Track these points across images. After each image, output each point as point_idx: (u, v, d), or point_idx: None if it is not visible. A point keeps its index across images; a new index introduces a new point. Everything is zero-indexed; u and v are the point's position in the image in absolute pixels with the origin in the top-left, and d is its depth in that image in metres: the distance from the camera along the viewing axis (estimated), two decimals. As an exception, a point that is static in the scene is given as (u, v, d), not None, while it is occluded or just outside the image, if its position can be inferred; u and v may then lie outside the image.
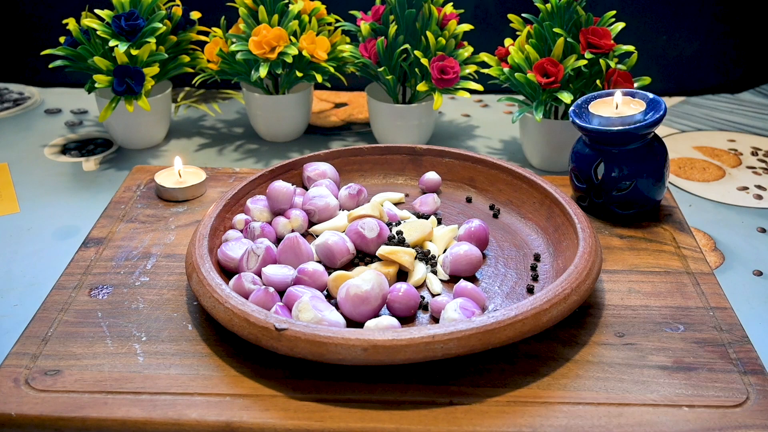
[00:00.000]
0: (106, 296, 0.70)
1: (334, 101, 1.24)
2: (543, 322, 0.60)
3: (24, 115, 1.19)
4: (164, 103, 1.06)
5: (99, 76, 0.96)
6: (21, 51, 1.28)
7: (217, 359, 0.62)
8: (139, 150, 1.07)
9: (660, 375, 0.60)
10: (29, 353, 0.63)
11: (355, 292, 0.63)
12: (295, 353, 0.58)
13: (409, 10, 0.98)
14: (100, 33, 0.97)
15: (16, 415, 0.57)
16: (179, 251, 0.76)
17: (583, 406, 0.57)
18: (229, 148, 1.08)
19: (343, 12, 1.10)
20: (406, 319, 0.66)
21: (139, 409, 0.57)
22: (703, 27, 1.23)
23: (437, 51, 0.99)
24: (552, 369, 0.61)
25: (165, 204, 0.85)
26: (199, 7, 1.12)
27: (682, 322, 0.66)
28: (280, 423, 0.56)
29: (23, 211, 0.93)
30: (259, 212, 0.78)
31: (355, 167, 0.87)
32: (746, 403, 0.58)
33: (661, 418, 0.56)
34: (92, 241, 0.78)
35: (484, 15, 1.21)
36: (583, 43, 0.93)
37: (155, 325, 0.66)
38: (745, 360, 0.62)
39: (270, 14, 1.00)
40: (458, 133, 1.14)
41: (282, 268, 0.69)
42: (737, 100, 1.24)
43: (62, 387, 0.59)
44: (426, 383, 0.59)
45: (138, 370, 0.61)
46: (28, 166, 1.04)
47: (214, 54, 1.02)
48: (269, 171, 0.82)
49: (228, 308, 0.61)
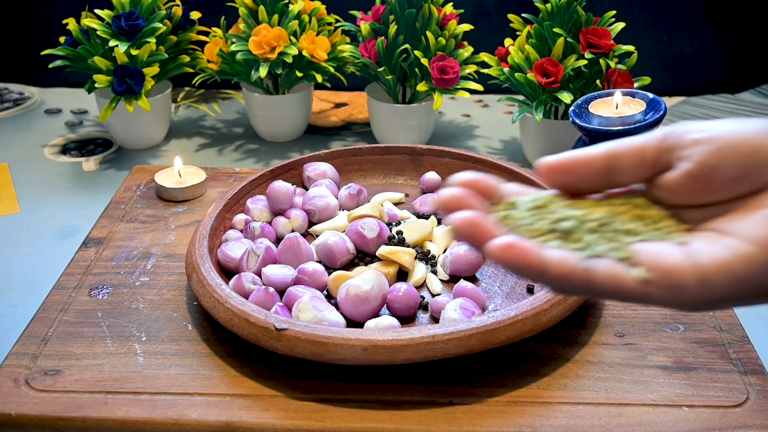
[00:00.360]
0: (106, 296, 0.70)
1: (334, 101, 1.24)
2: (543, 322, 0.60)
3: (24, 115, 1.19)
4: (164, 103, 1.06)
5: (99, 76, 0.96)
6: (21, 51, 1.28)
7: (217, 359, 0.62)
8: (139, 150, 1.07)
9: (660, 375, 0.60)
10: (29, 353, 0.63)
11: (355, 292, 0.63)
12: (295, 353, 0.58)
13: (409, 10, 0.98)
14: (100, 33, 0.97)
15: (16, 415, 0.57)
16: (179, 251, 0.76)
17: (583, 406, 0.57)
18: (229, 148, 1.08)
19: (343, 12, 1.10)
20: (406, 319, 0.66)
21: (139, 409, 0.57)
22: (703, 27, 1.23)
23: (437, 51, 0.99)
24: (552, 369, 0.61)
25: (165, 204, 0.85)
26: (199, 7, 1.12)
27: (682, 322, 0.66)
28: (280, 423, 0.56)
29: (23, 211, 0.93)
30: (259, 212, 0.78)
31: (355, 167, 0.87)
32: (746, 403, 0.58)
33: (661, 418, 0.56)
34: (92, 241, 0.78)
35: (485, 15, 1.21)
36: (583, 43, 0.93)
37: (155, 325, 0.66)
38: (745, 360, 0.62)
39: (270, 14, 1.00)
40: (458, 133, 1.14)
41: (282, 268, 0.69)
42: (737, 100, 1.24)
43: (62, 387, 0.59)
44: (426, 383, 0.59)
45: (138, 370, 0.61)
46: (28, 166, 1.04)
47: (214, 54, 1.02)
48: (269, 171, 0.82)
49: (228, 308, 0.61)
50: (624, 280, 0.33)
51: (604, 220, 0.36)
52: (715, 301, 0.32)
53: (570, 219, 0.36)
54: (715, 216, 0.35)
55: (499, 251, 0.33)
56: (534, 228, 0.35)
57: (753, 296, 0.33)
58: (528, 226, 0.36)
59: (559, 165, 0.37)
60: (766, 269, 0.32)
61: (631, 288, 0.33)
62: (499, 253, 0.33)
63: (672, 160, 0.35)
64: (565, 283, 0.33)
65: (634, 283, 0.33)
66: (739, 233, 0.33)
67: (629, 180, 0.37)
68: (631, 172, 0.37)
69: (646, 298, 0.33)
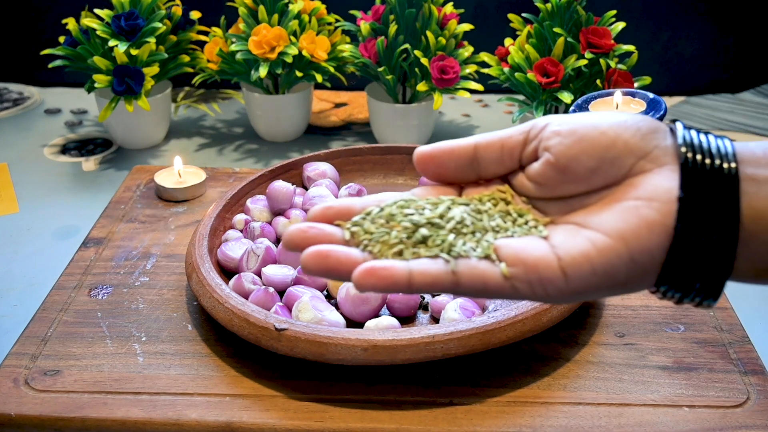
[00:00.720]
0: (105, 296, 0.70)
1: (334, 101, 1.24)
2: (543, 323, 0.60)
3: (24, 115, 1.19)
4: (164, 103, 1.06)
5: (99, 75, 0.96)
6: (21, 51, 1.28)
7: (217, 359, 0.62)
8: (139, 150, 1.07)
9: (660, 375, 0.60)
10: (29, 353, 0.63)
11: (355, 292, 0.63)
12: (295, 353, 0.58)
13: (409, 10, 0.98)
14: (99, 33, 0.96)
15: (15, 415, 0.57)
16: (179, 251, 0.76)
17: (584, 406, 0.57)
18: (229, 148, 1.08)
19: (343, 12, 1.10)
20: (406, 319, 0.65)
21: (138, 409, 0.57)
22: (703, 26, 1.23)
23: (437, 51, 0.99)
24: (552, 369, 0.61)
25: (165, 204, 0.85)
26: (199, 6, 1.12)
27: (683, 322, 0.66)
28: (279, 423, 0.56)
29: (23, 211, 0.93)
30: (259, 212, 0.77)
31: (355, 167, 0.87)
32: (747, 403, 0.58)
33: (662, 419, 0.56)
34: (92, 241, 0.78)
35: (485, 15, 1.21)
36: (584, 42, 0.93)
37: (155, 325, 0.66)
38: (745, 360, 0.62)
39: (270, 14, 1.00)
40: (458, 133, 1.14)
41: (282, 268, 0.69)
42: (737, 99, 1.24)
43: (62, 387, 0.59)
44: (426, 383, 0.59)
45: (138, 371, 0.61)
46: (28, 166, 1.04)
47: (214, 54, 1.02)
48: (269, 171, 0.82)
49: (228, 308, 0.61)
50: (490, 278, 0.34)
51: (464, 218, 0.36)
52: (577, 292, 0.33)
53: (425, 225, 0.35)
54: (576, 209, 0.36)
55: (361, 279, 0.33)
56: (390, 241, 0.35)
57: (612, 287, 0.34)
58: (383, 238, 0.35)
59: (429, 155, 0.38)
60: (623, 261, 0.33)
61: (498, 284, 0.33)
62: (361, 281, 0.33)
63: (538, 152, 0.36)
64: (435, 290, 0.33)
65: (500, 279, 0.33)
66: (598, 226, 0.34)
67: (495, 171, 0.38)
68: (497, 163, 0.38)
69: (513, 293, 0.34)
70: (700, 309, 0.51)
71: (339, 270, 0.33)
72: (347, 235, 0.35)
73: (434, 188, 0.39)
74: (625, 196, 0.34)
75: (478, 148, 0.37)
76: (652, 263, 0.33)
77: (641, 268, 0.33)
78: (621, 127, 0.35)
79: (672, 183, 0.33)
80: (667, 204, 0.33)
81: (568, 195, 0.36)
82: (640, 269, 0.33)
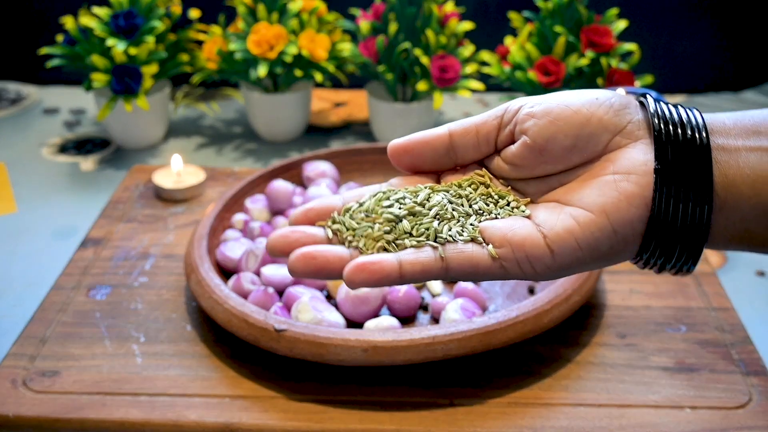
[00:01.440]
0: (104, 297, 0.69)
1: (333, 100, 1.23)
2: (544, 323, 0.60)
3: (22, 114, 1.19)
4: (163, 102, 1.06)
5: (97, 75, 0.96)
6: (18, 50, 1.28)
7: (216, 360, 0.62)
8: (138, 149, 1.07)
9: (662, 376, 0.60)
10: (27, 354, 0.62)
11: (354, 293, 0.63)
12: (295, 354, 0.57)
13: (410, 9, 0.97)
14: (98, 32, 0.96)
15: (13, 416, 0.56)
16: (178, 251, 0.76)
17: (585, 407, 0.57)
18: (228, 148, 1.08)
19: (343, 10, 1.10)
20: (407, 320, 0.65)
21: (137, 410, 0.57)
22: (705, 25, 1.23)
23: (438, 49, 0.98)
24: (553, 370, 0.61)
25: (164, 204, 0.84)
26: (198, 5, 1.11)
27: (684, 323, 0.66)
28: (279, 424, 0.56)
29: (21, 211, 0.92)
30: (258, 212, 0.77)
31: (355, 167, 0.87)
32: (749, 404, 0.57)
33: (663, 420, 0.56)
34: (91, 242, 0.77)
35: (485, 13, 1.20)
36: (585, 41, 0.93)
37: (154, 325, 0.66)
38: (747, 361, 0.61)
39: (269, 12, 1.00)
40: (458, 132, 1.14)
41: (281, 268, 0.68)
42: (739, 98, 1.24)
43: (60, 388, 0.59)
44: (426, 384, 0.59)
45: (137, 371, 0.60)
46: (26, 165, 1.03)
47: (213, 53, 1.02)
48: (269, 171, 0.82)
49: (227, 309, 0.60)
50: (478, 260, 0.34)
51: (445, 204, 0.36)
52: (564, 267, 0.34)
53: (406, 215, 0.36)
54: (555, 187, 0.37)
55: (352, 275, 0.33)
56: (374, 234, 0.35)
57: (596, 260, 0.35)
58: (366, 232, 0.35)
59: (403, 146, 0.38)
60: (606, 233, 0.34)
61: (487, 266, 0.34)
62: (352, 277, 0.33)
63: (514, 135, 0.37)
64: (426, 278, 0.34)
65: (488, 260, 0.34)
66: (579, 202, 0.35)
67: (472, 157, 0.38)
68: (473, 149, 0.38)
69: (503, 273, 0.35)
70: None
71: (327, 269, 0.34)
72: (330, 234, 0.36)
73: (411, 177, 0.39)
74: (603, 172, 0.35)
75: (454, 136, 0.38)
76: (633, 234, 0.34)
77: (623, 239, 0.34)
78: (594, 105, 0.36)
79: (647, 156, 0.34)
80: (645, 176, 0.34)
81: (546, 174, 0.37)
82: (622, 240, 0.34)
